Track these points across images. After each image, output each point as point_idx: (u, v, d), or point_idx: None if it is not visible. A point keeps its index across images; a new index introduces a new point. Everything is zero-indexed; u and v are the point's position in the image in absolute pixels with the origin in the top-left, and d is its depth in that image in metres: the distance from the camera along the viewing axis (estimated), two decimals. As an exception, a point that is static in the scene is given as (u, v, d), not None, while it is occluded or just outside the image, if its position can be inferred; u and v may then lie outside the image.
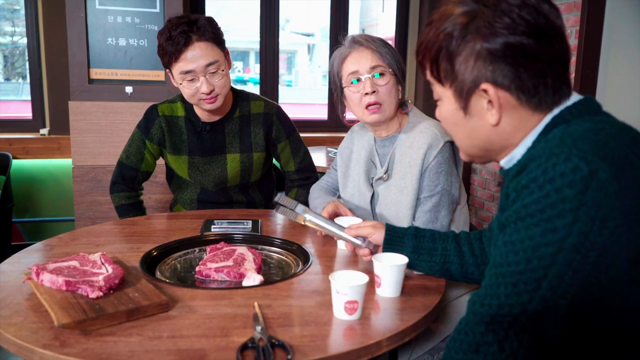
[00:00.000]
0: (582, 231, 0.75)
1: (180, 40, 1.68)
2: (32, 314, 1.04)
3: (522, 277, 0.79)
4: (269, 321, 1.03)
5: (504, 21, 0.84)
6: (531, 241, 0.78)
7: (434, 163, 1.54)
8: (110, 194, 1.98)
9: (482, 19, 0.85)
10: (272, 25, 3.92)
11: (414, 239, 1.27)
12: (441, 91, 0.96)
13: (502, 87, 0.87)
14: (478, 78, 0.88)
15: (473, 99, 0.91)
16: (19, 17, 6.05)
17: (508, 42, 0.84)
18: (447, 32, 0.89)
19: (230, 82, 1.84)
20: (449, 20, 0.89)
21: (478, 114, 0.92)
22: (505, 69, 0.86)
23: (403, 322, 1.05)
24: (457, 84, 0.91)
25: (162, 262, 1.40)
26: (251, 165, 1.94)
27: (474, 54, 0.87)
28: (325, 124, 4.18)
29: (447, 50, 0.89)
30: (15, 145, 3.32)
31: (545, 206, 0.77)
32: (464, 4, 0.88)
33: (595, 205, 0.75)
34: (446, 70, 0.91)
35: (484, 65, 0.87)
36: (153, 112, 1.90)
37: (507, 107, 0.89)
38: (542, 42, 0.85)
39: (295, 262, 1.41)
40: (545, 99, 0.88)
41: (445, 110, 0.97)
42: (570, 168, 0.76)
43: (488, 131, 0.93)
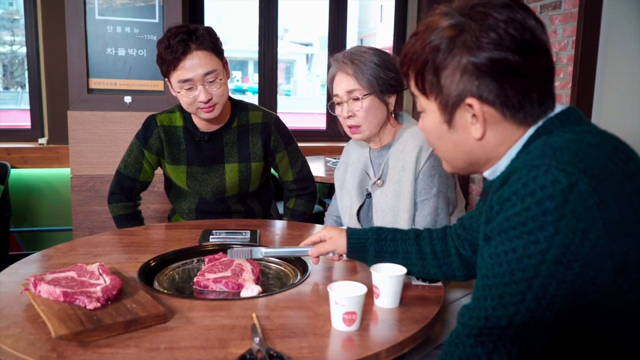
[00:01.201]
0: (563, 243, 0.75)
1: (179, 48, 1.69)
2: (29, 325, 1.04)
3: (507, 289, 0.80)
4: (267, 332, 1.03)
5: (490, 36, 0.84)
6: (514, 253, 0.79)
7: (427, 165, 1.56)
8: (109, 204, 1.98)
9: (469, 33, 0.86)
10: (271, 35, 3.94)
11: (375, 243, 1.29)
12: (425, 104, 0.96)
13: (487, 102, 0.87)
14: (463, 92, 0.88)
15: (458, 112, 0.91)
16: (18, 27, 6.07)
17: (494, 57, 0.84)
18: (433, 45, 0.89)
19: (229, 91, 1.84)
20: (436, 33, 0.89)
21: (462, 127, 0.92)
22: (490, 84, 0.86)
23: (402, 333, 1.05)
24: (442, 98, 0.91)
25: (160, 272, 1.39)
26: (249, 175, 1.94)
27: (460, 68, 0.87)
28: (324, 133, 4.19)
29: (434, 63, 0.89)
30: (14, 154, 3.32)
31: (526, 219, 0.77)
32: (450, 16, 0.88)
33: (575, 217, 0.75)
34: (431, 83, 0.91)
35: (469, 79, 0.87)
36: (151, 122, 1.91)
37: (492, 122, 0.89)
38: (528, 58, 0.85)
39: (293, 273, 1.41)
40: (531, 113, 0.89)
41: (429, 123, 0.97)
42: (550, 180, 0.76)
43: (472, 145, 0.93)
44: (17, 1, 7.99)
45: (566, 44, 2.98)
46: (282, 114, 2.13)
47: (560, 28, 3.02)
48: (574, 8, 2.90)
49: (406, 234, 1.31)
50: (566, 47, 2.98)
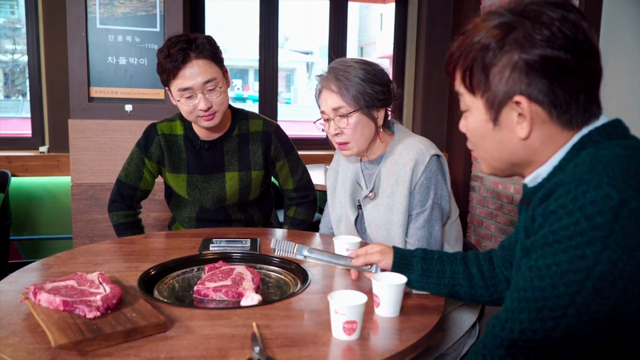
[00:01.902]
0: (611, 259, 0.75)
1: (178, 57, 1.70)
2: (29, 334, 1.03)
3: (547, 303, 0.79)
4: (268, 341, 1.02)
5: (543, 34, 0.83)
6: (558, 267, 0.78)
7: (423, 179, 1.53)
8: (109, 212, 1.98)
9: (522, 30, 0.85)
10: (271, 44, 3.95)
11: (423, 261, 1.27)
12: (471, 101, 0.94)
13: (535, 100, 0.87)
14: (512, 90, 0.87)
15: (504, 110, 0.90)
16: (19, 36, 6.09)
17: (546, 54, 0.84)
18: (483, 43, 0.88)
19: (229, 100, 1.85)
20: (485, 32, 0.88)
21: (508, 126, 0.91)
22: (540, 82, 0.85)
23: (402, 342, 1.05)
24: (489, 95, 0.90)
25: (160, 281, 1.39)
26: (250, 184, 1.94)
27: (511, 64, 0.86)
28: (324, 141, 4.17)
29: (483, 60, 0.88)
30: (15, 162, 3.33)
31: (574, 233, 0.76)
32: (500, 15, 0.88)
33: (625, 234, 0.74)
34: (479, 80, 0.90)
35: (519, 77, 0.86)
36: (152, 130, 1.91)
37: (538, 122, 0.88)
38: (579, 58, 0.84)
39: (293, 282, 1.40)
40: (576, 116, 0.88)
41: (473, 121, 0.96)
42: (600, 196, 0.76)
43: (516, 145, 0.92)
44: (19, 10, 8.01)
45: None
46: (282, 122, 2.14)
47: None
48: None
49: (453, 256, 1.29)
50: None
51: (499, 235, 3.72)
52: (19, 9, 8.61)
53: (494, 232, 3.78)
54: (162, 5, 2.85)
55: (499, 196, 3.68)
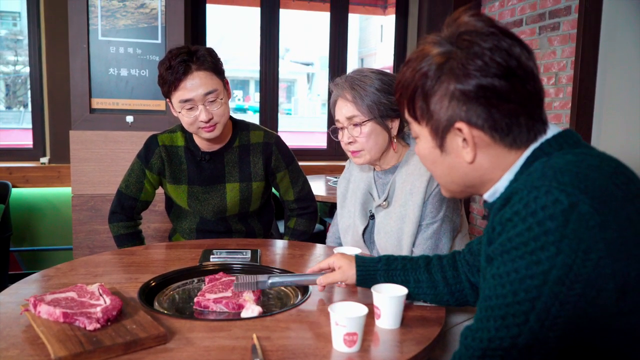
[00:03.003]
0: (565, 263, 0.76)
1: (179, 69, 1.71)
2: (28, 346, 1.03)
3: (510, 310, 0.80)
4: (268, 353, 1.02)
5: (476, 63, 0.86)
6: (517, 274, 0.79)
7: (437, 190, 1.54)
8: (109, 223, 1.98)
9: (456, 60, 0.88)
10: (272, 55, 3.97)
11: (386, 274, 1.27)
12: (418, 129, 0.98)
13: (475, 126, 0.89)
14: (452, 117, 0.90)
15: (449, 137, 0.93)
16: (21, 47, 6.11)
17: (480, 83, 0.86)
18: (423, 72, 0.91)
19: (229, 111, 1.86)
20: (426, 60, 0.91)
21: (454, 151, 0.94)
22: (478, 109, 0.88)
23: (403, 354, 1.04)
24: (432, 123, 0.93)
25: (160, 292, 1.39)
26: (250, 195, 1.95)
27: (448, 94, 0.89)
28: (325, 152, 4.20)
29: (423, 89, 0.92)
30: (15, 173, 3.33)
31: (528, 239, 0.78)
32: (440, 45, 0.91)
33: (577, 237, 0.75)
34: (422, 109, 0.94)
35: (457, 105, 0.89)
36: (153, 141, 1.92)
37: (482, 145, 0.91)
38: (513, 84, 0.87)
39: (294, 293, 1.40)
40: (520, 137, 0.90)
41: (422, 148, 1.00)
42: (551, 201, 0.77)
43: (465, 168, 0.94)
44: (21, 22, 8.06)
45: (565, 64, 3.01)
46: (283, 133, 2.15)
47: (559, 49, 3.05)
48: (573, 29, 2.93)
49: (416, 263, 1.29)
50: (565, 68, 3.01)
51: (499, 246, 3.71)
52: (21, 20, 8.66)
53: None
54: (164, 17, 2.87)
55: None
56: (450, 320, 1.51)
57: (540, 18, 3.21)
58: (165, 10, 2.87)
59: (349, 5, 4.10)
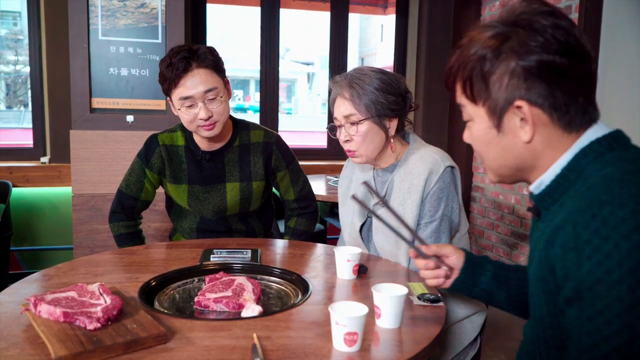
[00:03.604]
0: None
1: (180, 66, 1.71)
2: (29, 346, 1.03)
3: (632, 349, 0.72)
4: (268, 353, 1.02)
5: (538, 40, 0.86)
6: (621, 303, 0.72)
7: (435, 189, 1.53)
8: (109, 222, 1.98)
9: (517, 38, 0.87)
10: (272, 54, 3.97)
11: (492, 264, 1.23)
12: (473, 111, 0.96)
13: (535, 104, 0.88)
14: (512, 95, 0.89)
15: (506, 116, 0.91)
16: (22, 47, 6.12)
17: (542, 59, 0.86)
18: (479, 54, 0.90)
19: (229, 110, 1.85)
20: (481, 42, 0.90)
21: (511, 131, 0.92)
22: (539, 86, 0.87)
23: (403, 353, 1.04)
24: (490, 102, 0.92)
25: (160, 292, 1.39)
26: (251, 194, 1.95)
27: (509, 71, 0.88)
28: (325, 152, 4.20)
29: (481, 70, 0.90)
30: (16, 173, 3.33)
31: (620, 258, 0.72)
32: (493, 28, 0.90)
33: None
34: (480, 89, 0.92)
35: (518, 82, 0.88)
36: (153, 141, 1.92)
37: (540, 125, 0.90)
38: (573, 61, 0.86)
39: (294, 292, 1.40)
40: (575, 118, 0.89)
41: (477, 130, 0.97)
42: (629, 213, 0.74)
43: (521, 149, 0.93)
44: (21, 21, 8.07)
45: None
46: (283, 133, 2.15)
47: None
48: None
49: (515, 265, 1.25)
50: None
51: (500, 246, 3.71)
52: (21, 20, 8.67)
53: (495, 242, 3.77)
54: (164, 17, 2.87)
55: (499, 207, 3.68)
56: (449, 318, 1.51)
57: (540, 17, 3.20)
58: (166, 9, 2.87)
59: (349, 5, 4.10)
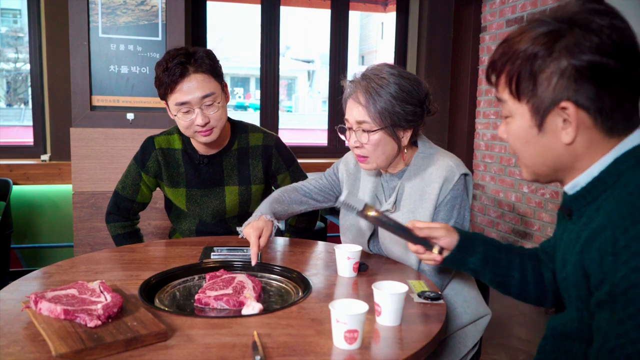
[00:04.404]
0: None
1: (176, 71, 1.68)
2: (29, 343, 1.03)
3: None
4: (269, 350, 1.02)
5: (593, 40, 0.83)
6: None
7: (450, 197, 1.49)
8: (106, 223, 1.97)
9: (572, 37, 0.85)
10: (273, 52, 3.97)
11: (484, 245, 1.24)
12: (515, 107, 0.94)
13: (582, 106, 0.86)
14: (559, 96, 0.87)
15: (550, 116, 0.90)
16: (22, 44, 6.11)
17: (595, 61, 0.83)
18: (530, 51, 0.88)
19: (227, 115, 1.82)
20: (532, 39, 0.88)
21: (552, 131, 0.91)
22: (589, 88, 0.85)
23: (404, 351, 1.04)
24: (535, 100, 0.90)
25: (161, 289, 1.39)
26: (250, 197, 1.94)
27: (559, 71, 0.86)
28: (325, 149, 4.20)
29: (531, 66, 0.88)
30: (16, 171, 3.33)
31: None
32: (547, 24, 0.88)
33: None
34: (526, 87, 0.90)
35: (567, 83, 0.86)
36: (149, 144, 1.89)
37: (582, 127, 0.88)
38: (626, 66, 0.84)
39: (295, 290, 1.40)
40: (619, 123, 0.88)
41: (517, 127, 0.95)
42: None
43: (560, 150, 0.91)
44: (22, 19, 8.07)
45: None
46: (283, 130, 2.14)
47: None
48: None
49: (509, 246, 1.26)
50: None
51: (500, 244, 3.71)
52: (21, 18, 8.68)
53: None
54: (164, 14, 2.87)
55: (500, 204, 3.68)
56: (455, 323, 1.50)
57: (541, 15, 3.20)
58: (166, 7, 2.87)
59: (349, 3, 4.10)
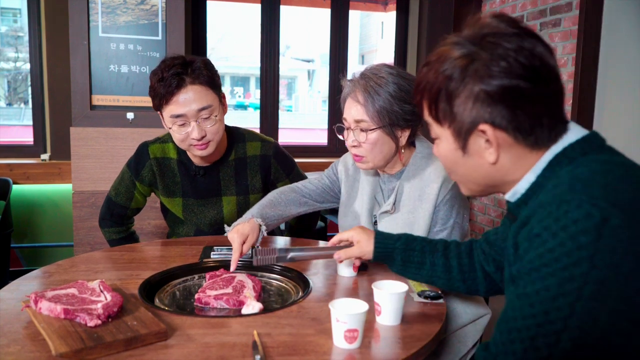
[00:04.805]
0: (598, 279, 0.74)
1: (172, 82, 1.61)
2: (29, 342, 1.03)
3: (541, 331, 0.77)
4: (269, 350, 1.02)
5: (500, 65, 0.85)
6: (547, 292, 0.77)
7: (449, 196, 1.49)
8: (100, 228, 1.95)
9: (480, 62, 0.87)
10: (273, 51, 3.97)
11: (403, 252, 1.30)
12: (439, 131, 0.98)
13: (499, 127, 0.89)
14: (476, 119, 0.90)
15: (471, 138, 0.93)
16: (22, 44, 6.11)
17: (505, 85, 0.86)
18: (446, 75, 0.90)
19: (224, 128, 1.77)
20: (448, 62, 0.90)
21: (476, 153, 0.94)
22: (502, 110, 0.87)
23: (404, 350, 1.04)
24: (455, 125, 0.93)
25: (161, 289, 1.39)
26: (248, 207, 1.85)
27: (472, 96, 0.88)
28: (325, 149, 4.19)
29: (447, 91, 0.91)
30: (16, 170, 3.33)
31: (560, 255, 0.76)
32: (461, 46, 0.90)
33: (610, 251, 0.74)
34: (445, 111, 0.93)
35: (482, 107, 0.88)
36: (144, 153, 1.84)
37: (505, 146, 0.91)
38: (538, 84, 0.86)
39: (294, 289, 1.40)
40: (542, 137, 0.90)
41: (443, 149, 0.99)
42: (582, 215, 0.76)
43: (488, 168, 0.94)
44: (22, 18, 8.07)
45: (566, 61, 3.00)
46: (283, 130, 2.14)
47: (560, 45, 3.04)
48: (574, 26, 2.92)
49: (435, 246, 1.31)
50: (566, 65, 3.00)
51: (500, 243, 3.71)
52: (21, 17, 8.69)
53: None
54: (164, 13, 2.87)
55: (500, 204, 3.68)
56: (455, 323, 1.50)
57: (541, 14, 3.20)
58: (166, 6, 2.86)
59: (349, 2, 4.09)
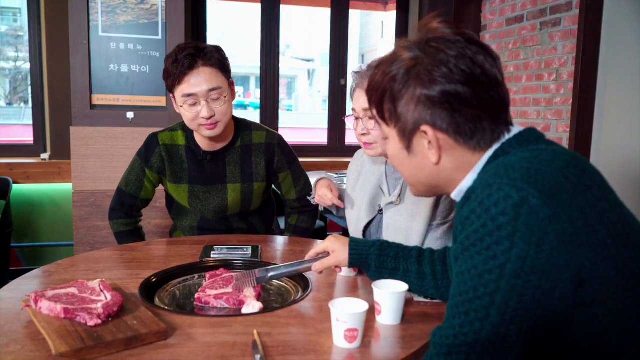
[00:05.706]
0: (519, 256, 0.78)
1: (185, 63, 1.70)
2: (29, 342, 1.03)
3: (472, 306, 0.82)
4: (269, 349, 1.02)
5: (441, 70, 0.90)
6: (476, 270, 0.82)
7: None
8: (109, 220, 1.97)
9: (422, 66, 0.92)
10: (273, 51, 3.97)
11: (377, 259, 1.32)
12: (387, 131, 1.03)
13: (440, 129, 0.93)
14: (418, 121, 0.94)
15: (415, 139, 0.97)
16: (22, 43, 6.11)
17: (444, 89, 0.90)
18: (391, 75, 0.95)
19: (232, 111, 1.84)
20: (396, 64, 0.95)
21: (420, 153, 0.98)
22: (442, 113, 0.92)
23: (404, 350, 1.04)
24: (400, 125, 0.98)
25: (161, 288, 1.39)
26: (252, 195, 1.94)
27: (415, 98, 0.93)
28: (325, 148, 4.20)
29: (391, 92, 0.96)
30: (16, 169, 3.33)
31: (484, 235, 0.81)
32: (409, 49, 0.94)
33: (529, 230, 0.78)
34: (390, 112, 0.98)
35: (423, 109, 0.93)
36: (153, 140, 1.90)
37: (447, 148, 0.95)
38: (476, 90, 0.90)
39: (295, 289, 1.40)
40: (483, 139, 0.94)
41: (391, 149, 1.04)
42: (502, 197, 0.80)
43: (431, 169, 0.99)
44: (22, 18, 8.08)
45: (566, 60, 3.00)
46: (283, 129, 2.14)
47: (560, 45, 3.04)
48: (574, 25, 2.92)
49: (409, 252, 1.32)
50: (566, 64, 3.00)
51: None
52: (21, 17, 8.70)
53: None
54: (164, 13, 2.87)
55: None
56: None
57: (541, 14, 3.20)
58: (166, 6, 2.86)
59: (349, 1, 4.09)
